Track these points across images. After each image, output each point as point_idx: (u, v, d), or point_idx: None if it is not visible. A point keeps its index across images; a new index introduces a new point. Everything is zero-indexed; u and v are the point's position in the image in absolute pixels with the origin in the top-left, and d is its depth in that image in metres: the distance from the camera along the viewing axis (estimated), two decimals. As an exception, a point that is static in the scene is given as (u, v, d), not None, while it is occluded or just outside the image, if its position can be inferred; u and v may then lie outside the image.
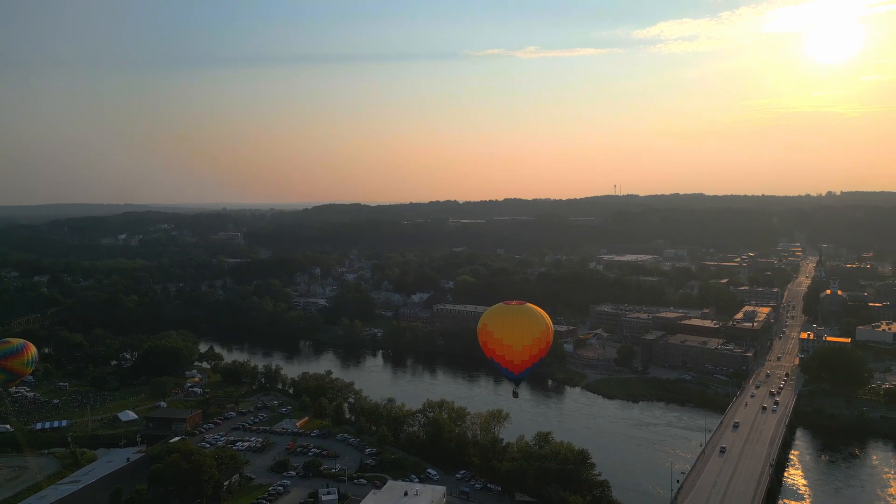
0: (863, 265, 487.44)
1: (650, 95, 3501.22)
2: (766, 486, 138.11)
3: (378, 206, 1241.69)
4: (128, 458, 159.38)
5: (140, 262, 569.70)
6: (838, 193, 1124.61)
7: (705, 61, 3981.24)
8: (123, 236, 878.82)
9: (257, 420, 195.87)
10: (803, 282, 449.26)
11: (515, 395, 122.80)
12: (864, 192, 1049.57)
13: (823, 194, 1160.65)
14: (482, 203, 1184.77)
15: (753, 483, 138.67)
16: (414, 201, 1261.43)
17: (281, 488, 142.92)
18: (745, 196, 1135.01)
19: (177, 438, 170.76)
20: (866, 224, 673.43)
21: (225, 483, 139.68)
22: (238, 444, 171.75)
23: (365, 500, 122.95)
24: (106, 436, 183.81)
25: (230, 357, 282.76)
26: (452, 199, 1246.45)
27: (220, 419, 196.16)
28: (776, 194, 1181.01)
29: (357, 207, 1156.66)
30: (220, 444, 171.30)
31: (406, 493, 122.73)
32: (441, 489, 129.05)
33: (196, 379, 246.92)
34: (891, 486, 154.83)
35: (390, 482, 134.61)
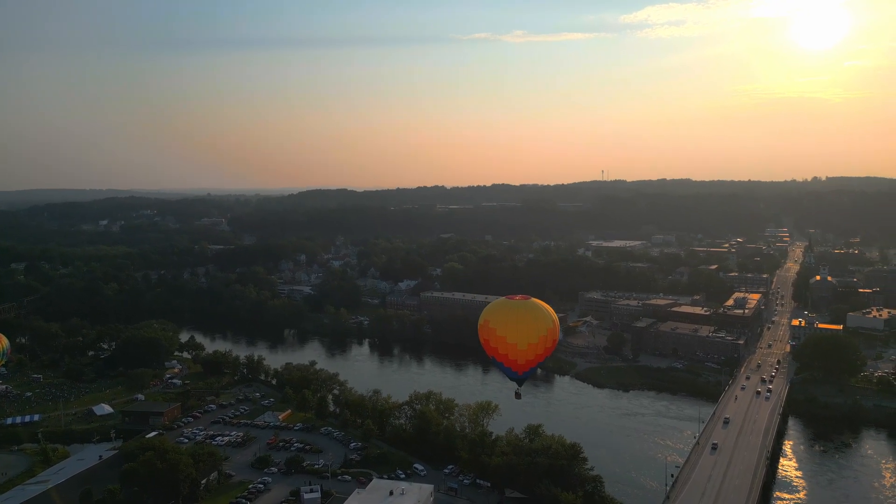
0: (851, 251, 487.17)
1: (637, 80, 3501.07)
2: (761, 480, 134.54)
3: (365, 191, 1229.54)
4: (100, 456, 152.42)
5: (121, 249, 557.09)
6: (824, 179, 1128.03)
7: (692, 47, 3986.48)
8: (105, 222, 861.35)
9: (238, 413, 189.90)
10: (791, 268, 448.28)
11: (518, 395, 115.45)
12: (849, 178, 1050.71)
13: (809, 179, 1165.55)
14: (470, 188, 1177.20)
15: (749, 476, 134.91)
16: (401, 187, 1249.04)
17: (262, 486, 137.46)
18: (732, 181, 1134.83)
19: (153, 434, 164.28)
20: (852, 209, 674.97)
21: (202, 481, 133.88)
22: (217, 438, 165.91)
23: (349, 501, 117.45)
24: (80, 431, 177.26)
25: (212, 347, 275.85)
26: (440, 184, 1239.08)
27: (200, 412, 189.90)
28: (762, 180, 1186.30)
29: (344, 193, 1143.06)
30: (198, 438, 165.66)
31: (391, 493, 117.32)
32: (428, 487, 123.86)
33: (176, 370, 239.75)
34: (885, 477, 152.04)
35: (375, 480, 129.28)
